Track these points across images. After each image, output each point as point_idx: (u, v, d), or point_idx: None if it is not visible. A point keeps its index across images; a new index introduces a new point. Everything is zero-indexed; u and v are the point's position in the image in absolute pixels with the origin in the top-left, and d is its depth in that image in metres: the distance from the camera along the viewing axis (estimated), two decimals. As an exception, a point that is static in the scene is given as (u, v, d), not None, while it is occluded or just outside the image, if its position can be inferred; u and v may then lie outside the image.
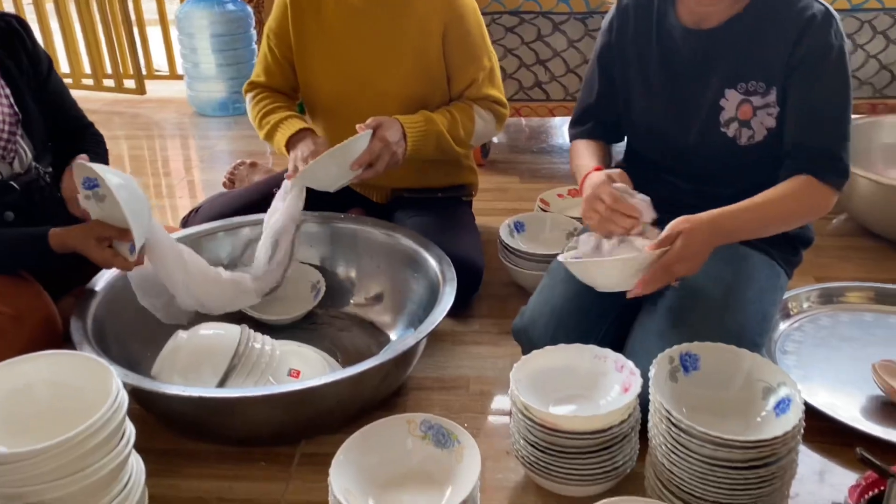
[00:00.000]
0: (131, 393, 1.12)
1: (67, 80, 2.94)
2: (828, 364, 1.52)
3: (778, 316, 1.61)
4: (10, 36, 1.48)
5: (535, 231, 1.92)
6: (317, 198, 1.64)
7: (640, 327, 1.34)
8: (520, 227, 1.92)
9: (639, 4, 1.43)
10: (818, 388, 1.43)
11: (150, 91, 3.70)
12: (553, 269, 1.48)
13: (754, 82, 1.33)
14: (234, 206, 1.82)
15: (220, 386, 1.31)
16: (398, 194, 1.88)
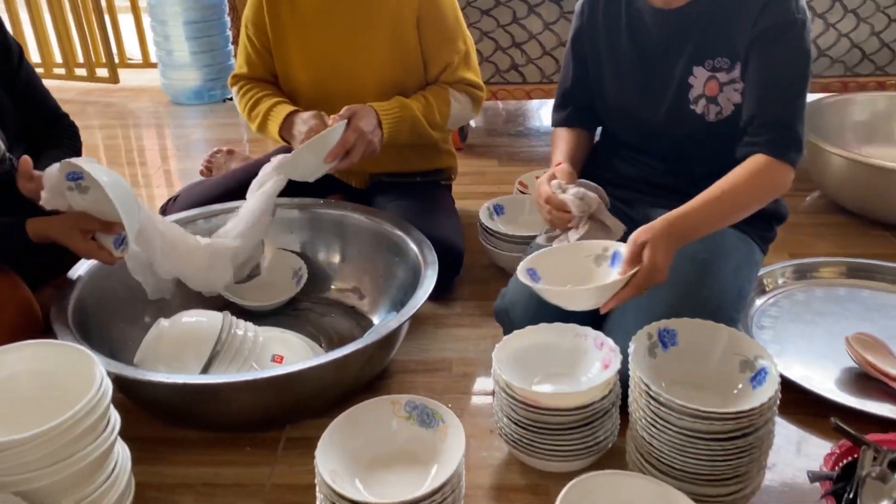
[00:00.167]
0: (115, 382, 1.12)
1: (39, 70, 2.87)
2: (803, 338, 1.55)
3: (754, 292, 1.64)
4: None
5: (515, 213, 1.93)
6: (296, 184, 1.64)
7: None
8: (499, 209, 1.93)
9: None
10: (794, 362, 1.46)
11: (124, 80, 3.66)
12: (532, 250, 1.50)
13: (720, 59, 1.34)
14: (212, 194, 1.81)
15: (203, 373, 1.31)
16: (377, 179, 1.88)
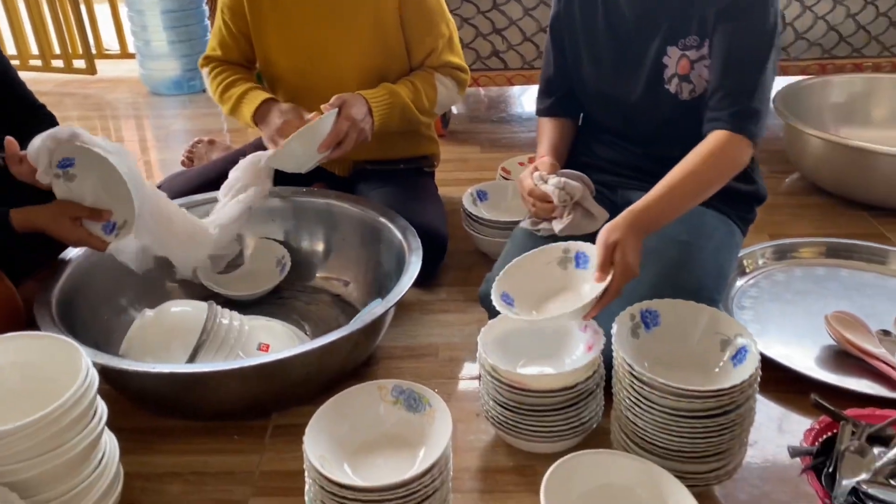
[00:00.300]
0: (101, 373, 1.11)
1: (14, 62, 2.87)
2: (783, 317, 1.57)
3: (734, 273, 1.65)
4: None
5: (498, 199, 1.94)
6: (278, 173, 1.64)
7: (602, 288, 1.37)
8: (482, 195, 1.93)
9: None
10: (774, 341, 1.48)
11: (101, 71, 3.62)
12: (515, 235, 1.51)
13: (691, 37, 1.35)
14: (194, 184, 1.80)
15: (189, 363, 1.31)
16: (360, 167, 1.88)
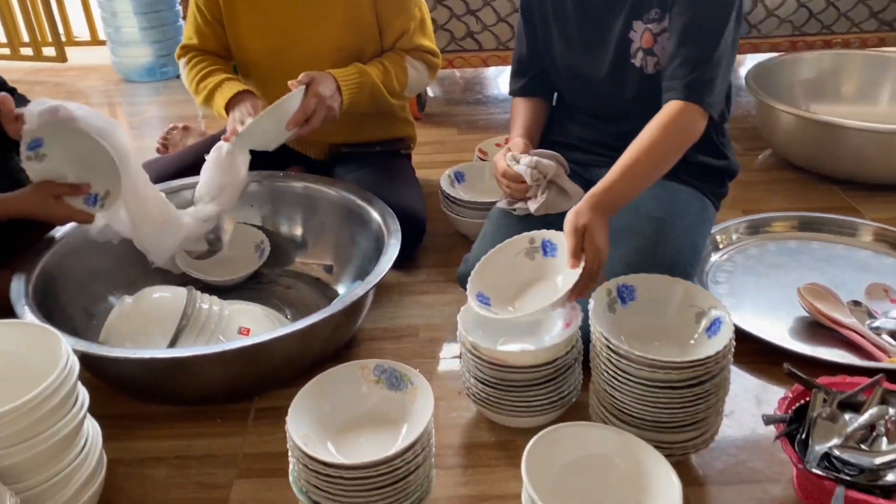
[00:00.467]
0: (82, 360, 1.11)
1: (-17, 51, 2.82)
2: (757, 291, 1.60)
3: (708, 248, 1.68)
4: None
5: (475, 180, 1.95)
6: (255, 157, 1.63)
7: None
8: (460, 176, 1.94)
9: None
10: (749, 314, 1.51)
11: (72, 59, 3.56)
12: (492, 216, 1.52)
13: (654, 10, 1.36)
14: (170, 171, 1.79)
15: (170, 348, 1.32)
16: (336, 150, 1.88)
